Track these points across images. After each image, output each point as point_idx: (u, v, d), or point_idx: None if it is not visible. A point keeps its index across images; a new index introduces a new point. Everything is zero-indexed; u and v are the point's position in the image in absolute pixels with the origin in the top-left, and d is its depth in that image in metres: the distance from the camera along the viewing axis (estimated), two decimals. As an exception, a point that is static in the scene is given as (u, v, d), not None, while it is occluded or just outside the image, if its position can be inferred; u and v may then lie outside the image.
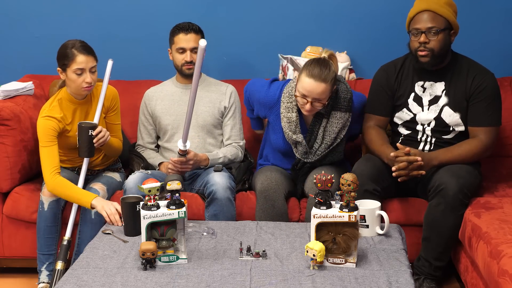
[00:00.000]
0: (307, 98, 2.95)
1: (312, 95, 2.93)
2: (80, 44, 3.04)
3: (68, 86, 3.11)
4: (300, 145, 3.12)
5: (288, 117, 3.10)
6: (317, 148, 3.13)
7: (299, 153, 3.14)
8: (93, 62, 3.04)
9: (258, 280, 2.26)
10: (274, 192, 3.05)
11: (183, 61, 3.33)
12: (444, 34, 2.98)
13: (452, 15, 2.99)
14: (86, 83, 3.03)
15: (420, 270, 2.95)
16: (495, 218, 2.71)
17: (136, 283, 2.26)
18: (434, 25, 2.96)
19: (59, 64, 3.06)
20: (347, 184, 2.33)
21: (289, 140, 3.14)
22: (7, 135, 3.21)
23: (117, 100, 3.26)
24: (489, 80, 3.04)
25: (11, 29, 3.89)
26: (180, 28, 3.33)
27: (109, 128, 3.23)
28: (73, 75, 3.01)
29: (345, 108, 3.11)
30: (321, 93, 2.93)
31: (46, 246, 3.11)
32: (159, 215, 2.35)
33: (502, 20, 3.76)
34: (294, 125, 3.10)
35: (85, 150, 3.04)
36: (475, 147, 3.01)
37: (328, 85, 2.93)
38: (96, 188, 3.13)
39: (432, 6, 2.97)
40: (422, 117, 3.11)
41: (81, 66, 3.00)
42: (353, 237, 2.33)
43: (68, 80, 3.06)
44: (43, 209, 3.09)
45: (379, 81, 3.21)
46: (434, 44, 2.98)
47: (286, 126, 3.12)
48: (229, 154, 3.33)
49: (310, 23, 3.81)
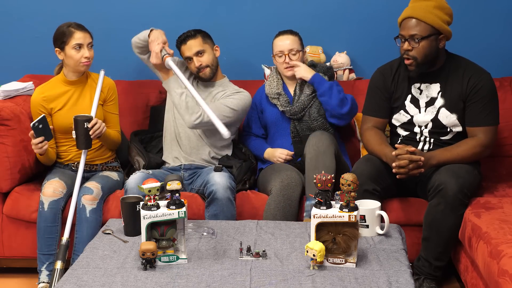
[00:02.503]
0: (284, 53, 3.37)
1: (286, 47, 3.38)
2: (75, 23, 3.21)
3: (67, 65, 3.25)
4: (282, 96, 3.42)
5: (271, 85, 3.49)
6: (297, 100, 3.40)
7: (282, 104, 3.41)
8: (90, 38, 3.22)
9: (258, 280, 2.26)
10: (293, 191, 3.09)
11: (195, 69, 3.41)
12: (429, 41, 2.96)
13: (439, 20, 2.95)
14: (84, 58, 3.19)
15: (420, 270, 2.95)
16: (495, 218, 2.71)
17: (136, 283, 2.26)
18: (416, 33, 2.94)
19: (56, 45, 3.21)
20: (347, 184, 2.33)
21: (271, 95, 3.45)
22: (7, 135, 3.21)
23: (114, 90, 3.37)
24: (485, 79, 3.04)
25: (11, 29, 3.90)
26: (180, 40, 3.41)
27: (106, 117, 3.32)
28: (72, 51, 3.17)
29: (322, 71, 3.44)
30: (292, 43, 3.39)
31: (46, 246, 3.11)
32: (159, 215, 2.35)
33: (503, 20, 3.76)
34: (276, 87, 3.46)
35: (82, 142, 3.12)
36: (474, 147, 3.01)
37: (296, 36, 3.43)
38: (90, 186, 3.14)
39: (416, 13, 2.95)
40: (419, 119, 3.11)
41: (79, 41, 3.16)
42: (353, 237, 2.33)
43: (66, 58, 3.20)
44: (43, 209, 3.09)
45: (376, 83, 3.21)
46: (416, 52, 2.97)
47: (268, 88, 3.48)
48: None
49: (310, 23, 3.81)
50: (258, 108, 3.56)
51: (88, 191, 3.11)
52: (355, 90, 3.68)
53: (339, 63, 3.78)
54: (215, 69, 3.45)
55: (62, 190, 3.14)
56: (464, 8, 3.63)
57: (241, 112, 3.40)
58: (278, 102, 3.44)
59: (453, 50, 3.14)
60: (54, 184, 3.14)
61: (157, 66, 3.29)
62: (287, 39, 3.39)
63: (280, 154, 3.38)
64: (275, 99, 3.45)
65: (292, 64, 3.38)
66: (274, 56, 3.42)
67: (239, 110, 3.36)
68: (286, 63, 3.38)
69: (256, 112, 3.56)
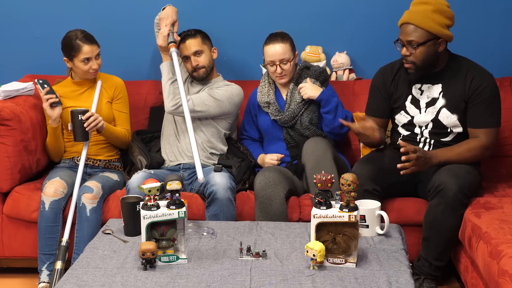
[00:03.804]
0: (275, 63, 3.31)
1: (277, 56, 3.30)
2: (83, 35, 3.27)
3: (75, 73, 3.37)
4: (272, 105, 3.38)
5: (262, 92, 3.44)
6: (287, 108, 3.37)
7: (272, 112, 3.38)
8: (97, 49, 3.30)
9: (258, 280, 2.26)
10: (272, 191, 3.04)
11: (191, 68, 3.44)
12: (426, 47, 2.95)
13: (436, 25, 2.92)
14: (92, 69, 3.29)
15: (420, 270, 2.95)
16: (495, 218, 2.71)
17: (136, 283, 2.26)
18: (413, 39, 2.94)
19: (65, 54, 3.30)
20: (347, 184, 2.33)
21: (262, 104, 3.42)
22: (7, 135, 3.21)
23: (121, 89, 3.45)
24: (488, 81, 3.03)
25: (12, 29, 3.89)
26: (180, 38, 3.42)
27: (115, 115, 3.42)
28: (81, 64, 3.27)
29: (315, 75, 3.38)
30: (282, 52, 3.29)
31: (47, 246, 3.12)
32: (159, 215, 2.35)
33: (503, 20, 3.76)
34: (267, 94, 3.41)
35: (77, 134, 3.19)
36: (475, 148, 3.01)
37: (286, 42, 3.32)
38: (91, 185, 3.15)
39: (413, 19, 2.93)
40: (420, 119, 3.11)
41: (87, 55, 3.25)
42: (353, 237, 2.33)
43: (75, 68, 3.31)
44: (44, 209, 3.10)
45: (376, 83, 3.22)
46: (414, 57, 2.97)
47: (259, 95, 3.43)
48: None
49: (310, 23, 3.81)
50: (252, 112, 3.54)
51: (88, 190, 3.12)
52: (355, 90, 3.68)
53: (339, 63, 3.78)
54: (210, 71, 3.47)
55: (63, 190, 3.14)
56: (464, 8, 3.63)
57: (228, 104, 3.39)
58: (268, 110, 3.41)
59: (453, 50, 3.13)
60: (55, 184, 3.14)
61: (160, 48, 3.37)
62: (278, 47, 3.29)
63: (270, 160, 3.36)
64: (265, 108, 3.43)
65: (300, 87, 3.33)
66: (266, 64, 3.37)
67: (223, 101, 3.37)
68: (278, 73, 3.33)
69: (250, 116, 3.56)
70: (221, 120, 3.43)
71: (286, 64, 3.31)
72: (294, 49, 3.38)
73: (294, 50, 3.37)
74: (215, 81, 3.51)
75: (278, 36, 3.33)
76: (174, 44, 3.30)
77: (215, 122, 3.43)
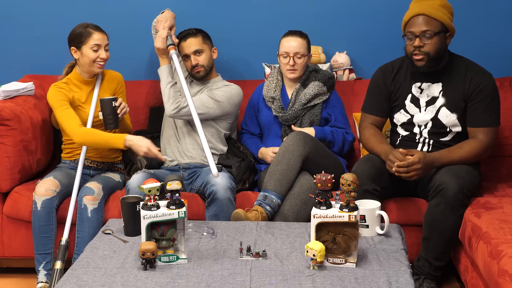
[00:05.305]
0: (289, 54, 3.35)
1: (292, 49, 3.35)
2: (92, 24, 3.26)
3: (81, 65, 3.27)
4: (277, 101, 3.42)
5: (269, 86, 3.49)
6: (291, 107, 3.40)
7: (275, 109, 3.42)
8: (107, 40, 3.27)
9: (258, 280, 2.26)
10: (306, 195, 3.07)
11: (190, 67, 3.45)
12: (439, 37, 2.98)
13: (447, 17, 2.98)
14: (100, 58, 3.24)
15: (420, 270, 2.95)
16: (495, 218, 2.71)
17: (136, 283, 2.26)
18: (428, 29, 2.96)
19: (73, 44, 3.23)
20: (347, 184, 2.32)
21: (267, 98, 3.46)
22: (7, 135, 3.22)
23: (122, 83, 3.46)
24: (487, 80, 3.04)
25: (12, 29, 3.90)
26: (181, 37, 3.44)
27: None
28: (90, 51, 3.21)
29: (323, 80, 3.43)
30: (298, 46, 3.36)
31: (42, 245, 3.11)
32: (159, 215, 2.35)
33: (503, 20, 3.76)
34: (274, 89, 3.45)
35: (111, 122, 3.20)
36: (475, 148, 3.01)
37: (304, 39, 3.40)
38: (91, 186, 3.15)
39: (426, 10, 2.96)
40: (419, 118, 3.11)
41: (98, 42, 3.21)
42: (353, 237, 2.33)
43: (82, 57, 3.23)
44: (36, 209, 3.09)
45: (376, 81, 3.22)
46: (429, 48, 2.98)
47: (266, 89, 3.48)
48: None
49: (310, 23, 3.80)
50: (255, 107, 3.56)
51: (89, 191, 3.11)
52: (355, 90, 3.68)
53: (339, 63, 3.78)
54: (209, 70, 3.47)
55: (55, 189, 3.13)
56: (464, 8, 3.63)
57: (228, 105, 3.39)
58: (272, 105, 3.45)
59: (453, 50, 3.14)
60: (47, 183, 3.14)
61: (158, 51, 3.37)
62: (295, 41, 3.36)
63: (273, 154, 3.36)
64: (269, 102, 3.46)
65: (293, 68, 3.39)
66: (279, 55, 3.41)
67: (224, 102, 3.37)
68: (290, 65, 3.37)
69: (253, 111, 3.57)
70: (221, 121, 3.44)
71: (300, 58, 3.36)
72: (310, 49, 3.44)
73: (309, 50, 3.43)
74: (214, 81, 3.52)
75: (298, 32, 3.42)
76: (173, 47, 3.31)
77: (215, 123, 3.43)
